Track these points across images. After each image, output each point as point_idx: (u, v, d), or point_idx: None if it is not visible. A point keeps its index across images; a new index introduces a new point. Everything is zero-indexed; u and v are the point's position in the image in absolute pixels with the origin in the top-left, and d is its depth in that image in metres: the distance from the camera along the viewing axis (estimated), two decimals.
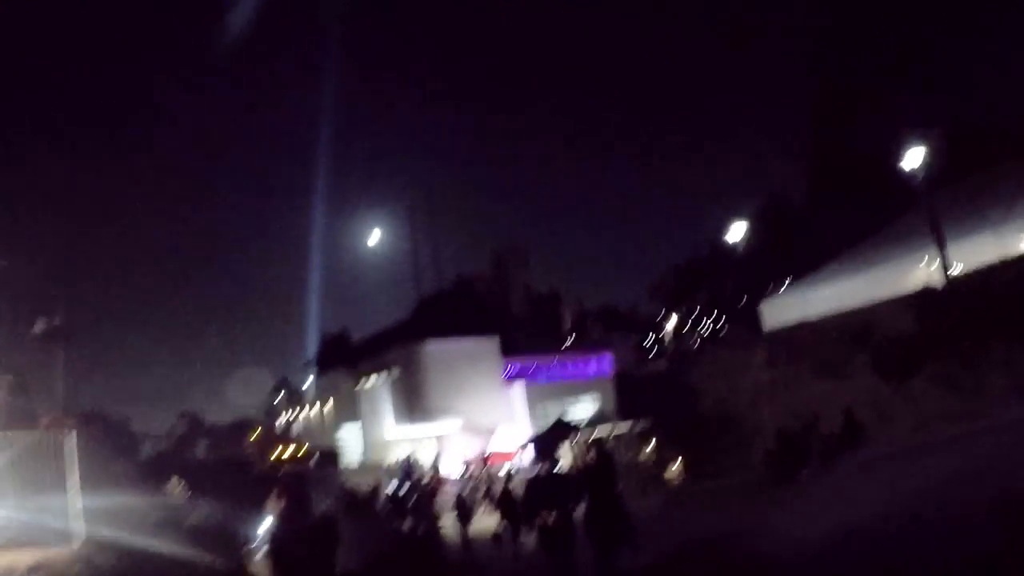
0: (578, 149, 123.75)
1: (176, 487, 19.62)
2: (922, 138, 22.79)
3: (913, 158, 22.18)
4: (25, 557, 11.61)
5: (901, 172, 22.97)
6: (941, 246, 20.42)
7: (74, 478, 13.93)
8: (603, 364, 47.45)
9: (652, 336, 62.55)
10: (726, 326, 48.26)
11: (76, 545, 12.93)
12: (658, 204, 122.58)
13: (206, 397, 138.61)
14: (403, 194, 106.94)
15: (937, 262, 20.89)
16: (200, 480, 21.14)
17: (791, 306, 26.96)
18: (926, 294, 20.54)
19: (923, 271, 21.89)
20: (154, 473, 24.13)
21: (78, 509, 13.61)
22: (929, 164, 22.28)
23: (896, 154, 23.24)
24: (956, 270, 21.05)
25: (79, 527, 13.16)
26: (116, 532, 12.25)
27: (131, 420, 44.82)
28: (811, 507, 13.09)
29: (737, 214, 35.30)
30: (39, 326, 24.51)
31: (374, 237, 49.96)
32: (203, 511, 14.16)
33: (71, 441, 14.28)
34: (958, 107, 35.52)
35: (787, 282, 34.29)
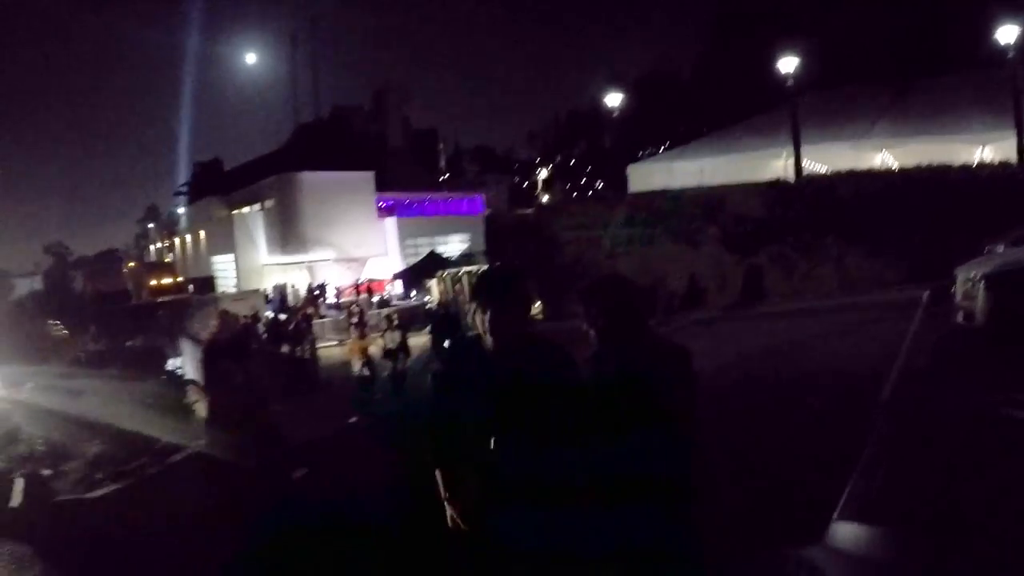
0: None
1: (56, 328, 19.65)
2: (800, 48, 24.82)
3: (788, 64, 24.20)
4: None
5: (777, 73, 25.00)
6: (796, 145, 22.71)
7: None
8: (475, 204, 48.68)
9: (525, 182, 64.23)
10: (595, 183, 50.35)
11: None
12: (550, 53, 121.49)
13: (70, 228, 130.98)
14: (285, 20, 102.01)
15: (792, 160, 23.26)
16: (83, 315, 21.36)
17: (657, 173, 29.06)
18: (777, 185, 22.92)
19: (779, 165, 24.26)
20: (36, 312, 23.95)
21: None
22: (800, 72, 24.47)
23: (776, 58, 25.27)
24: (813, 171, 23.57)
25: None
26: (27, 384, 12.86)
27: None
28: None
29: (624, 77, 36.68)
30: None
31: (250, 58, 48.83)
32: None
33: None
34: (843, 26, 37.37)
35: (658, 151, 36.34)
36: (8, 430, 10.36)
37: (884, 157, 24.14)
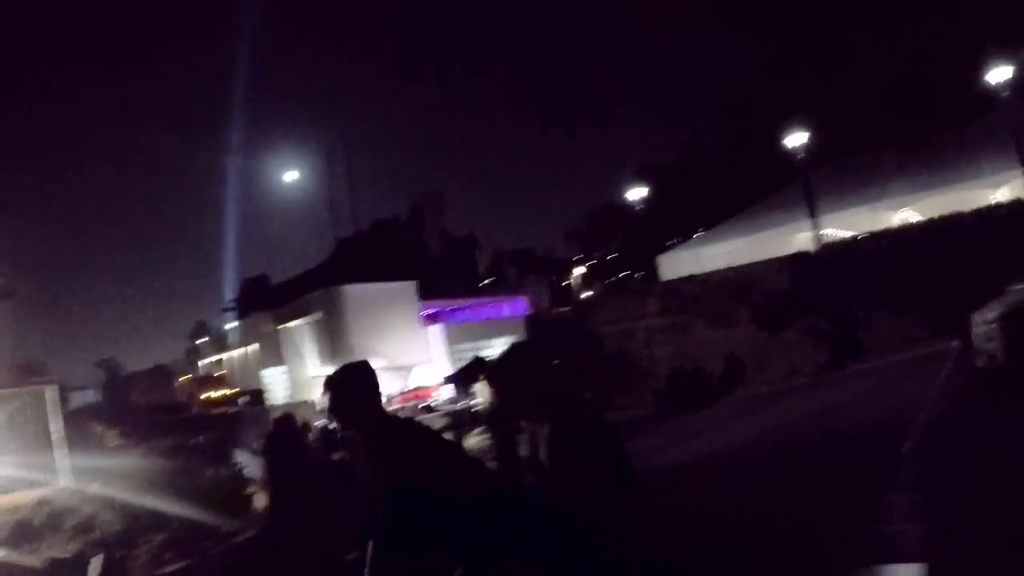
0: (499, 98, 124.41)
1: (111, 435, 20.63)
2: (806, 122, 25.84)
3: (796, 139, 25.19)
4: (26, 496, 13.17)
5: (786, 150, 25.99)
6: (813, 215, 23.38)
7: (58, 426, 15.44)
8: (517, 306, 49.36)
9: (564, 280, 65.18)
10: (630, 274, 51.15)
11: (65, 485, 14.45)
12: (580, 150, 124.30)
13: (120, 344, 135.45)
14: (321, 139, 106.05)
15: (813, 230, 23.91)
16: (139, 426, 22.27)
17: (686, 260, 29.81)
18: (799, 257, 23.48)
19: (802, 237, 24.91)
20: (94, 422, 24.80)
21: (64, 460, 15.08)
22: (810, 144, 25.41)
23: (785, 134, 26.32)
24: (833, 238, 24.12)
25: (66, 477, 14.66)
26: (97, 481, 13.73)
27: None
28: (692, 436, 15.71)
29: (650, 168, 37.83)
30: None
31: (291, 177, 50.87)
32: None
33: (53, 392, 15.79)
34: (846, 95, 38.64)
35: (687, 238, 37.20)
36: (83, 519, 11.12)
37: (903, 214, 24.68)
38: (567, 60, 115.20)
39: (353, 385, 4.05)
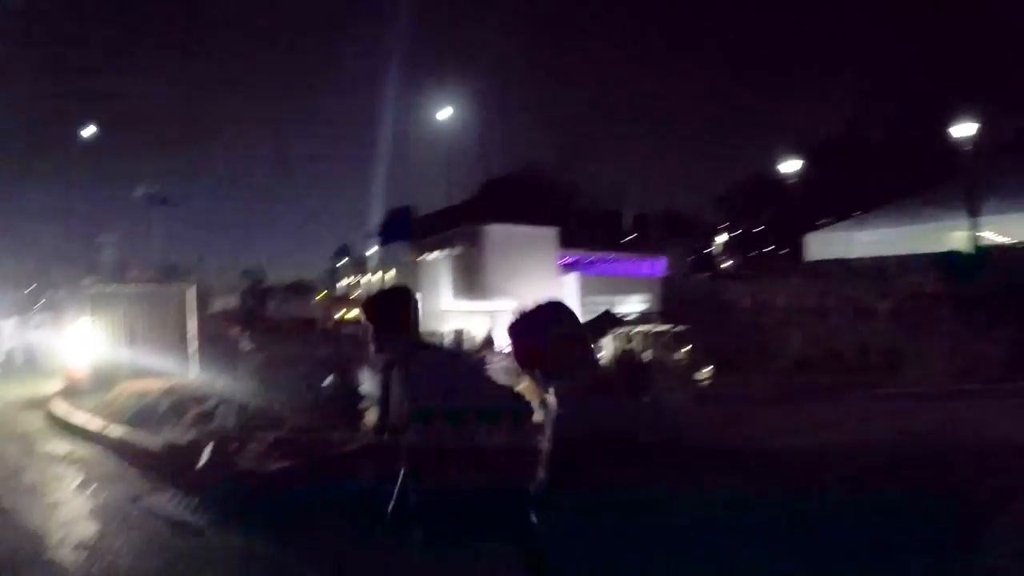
0: (662, 50, 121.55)
1: (243, 338, 21.92)
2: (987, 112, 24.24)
3: (964, 130, 23.69)
4: (157, 383, 14.34)
5: (953, 140, 24.51)
6: (974, 214, 22.10)
7: (193, 324, 16.73)
8: (656, 266, 48.99)
9: (708, 247, 64.09)
10: (775, 248, 49.83)
11: (194, 378, 15.75)
12: (741, 114, 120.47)
13: (267, 257, 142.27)
14: (476, 73, 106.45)
15: (970, 230, 22.61)
16: (269, 332, 23.56)
17: (835, 242, 28.80)
18: (952, 256, 22.33)
19: (958, 236, 23.62)
20: (227, 324, 26.39)
21: (195, 350, 16.43)
22: (978, 138, 23.83)
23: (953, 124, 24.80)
24: (990, 242, 22.78)
25: (195, 370, 15.95)
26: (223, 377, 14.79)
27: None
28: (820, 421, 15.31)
29: (810, 141, 36.54)
30: (140, 191, 27.45)
31: (444, 114, 51.57)
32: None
33: (192, 292, 17.02)
34: None
35: (840, 219, 35.86)
36: (203, 410, 12.07)
37: None
38: (739, 25, 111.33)
39: (394, 308, 4.23)
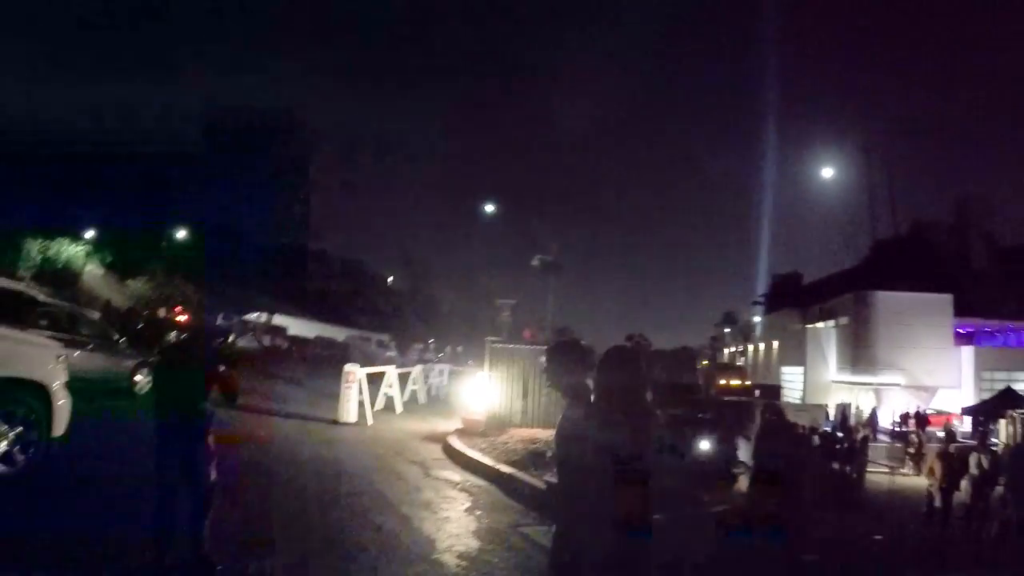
0: None
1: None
2: None
3: None
4: (546, 432, 14.80)
5: None
6: None
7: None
8: None
9: None
10: None
11: None
12: None
13: (652, 324, 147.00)
14: (858, 132, 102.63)
15: None
16: (655, 395, 24.93)
17: None
18: None
19: None
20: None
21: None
22: None
23: None
24: None
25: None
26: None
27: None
28: None
29: None
30: (537, 260, 30.99)
31: (828, 173, 50.90)
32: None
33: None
34: None
35: None
36: None
37: None
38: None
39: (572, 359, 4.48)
